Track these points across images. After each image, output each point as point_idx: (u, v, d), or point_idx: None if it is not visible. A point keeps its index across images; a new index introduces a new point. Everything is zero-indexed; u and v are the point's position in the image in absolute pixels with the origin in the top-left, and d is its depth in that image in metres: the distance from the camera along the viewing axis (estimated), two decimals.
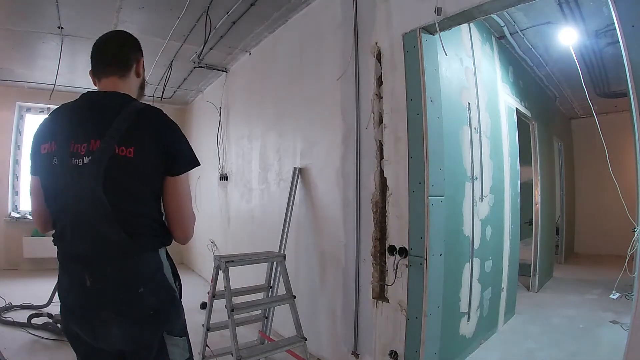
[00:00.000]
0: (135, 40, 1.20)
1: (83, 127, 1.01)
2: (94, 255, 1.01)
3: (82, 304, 1.02)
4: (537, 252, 3.97)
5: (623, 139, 4.13)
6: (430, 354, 1.84)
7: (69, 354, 2.49)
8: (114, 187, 0.98)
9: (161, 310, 1.06)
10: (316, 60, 2.74)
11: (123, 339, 1.04)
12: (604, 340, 2.76)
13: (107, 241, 0.99)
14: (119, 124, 0.98)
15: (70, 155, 0.98)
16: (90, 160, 0.97)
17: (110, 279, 1.01)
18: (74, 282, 1.02)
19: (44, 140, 1.03)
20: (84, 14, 3.03)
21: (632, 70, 1.30)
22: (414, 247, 1.87)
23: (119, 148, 0.97)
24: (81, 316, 1.03)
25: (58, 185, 1.01)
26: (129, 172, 0.99)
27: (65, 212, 1.02)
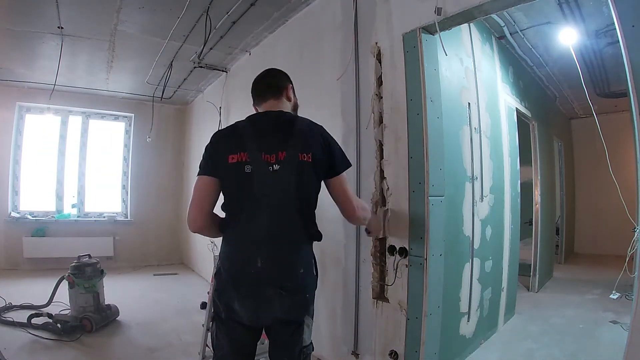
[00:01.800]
0: (281, 72, 1.56)
1: (269, 141, 1.28)
2: (271, 237, 1.24)
3: (254, 281, 1.23)
4: (537, 252, 3.97)
5: (623, 139, 4.12)
6: (430, 354, 1.84)
7: (69, 354, 2.51)
8: (300, 184, 1.25)
9: (311, 292, 1.31)
10: (316, 60, 2.74)
11: (282, 312, 1.25)
12: (604, 340, 2.76)
13: (286, 225, 1.25)
14: (296, 136, 1.28)
15: (264, 163, 1.25)
16: (280, 167, 1.25)
17: (279, 259, 1.24)
18: (248, 261, 1.24)
19: (231, 151, 1.27)
20: (84, 14, 3.03)
21: (632, 70, 1.30)
22: (414, 247, 1.87)
23: (302, 155, 1.26)
24: (248, 293, 1.23)
25: (252, 186, 1.24)
26: (309, 172, 1.27)
27: (252, 204, 1.25)
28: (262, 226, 1.24)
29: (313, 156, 1.27)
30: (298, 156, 1.25)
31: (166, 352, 2.64)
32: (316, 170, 1.28)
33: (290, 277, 1.24)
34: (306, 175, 1.26)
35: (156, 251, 5.88)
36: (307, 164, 1.26)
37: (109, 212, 5.71)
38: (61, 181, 5.39)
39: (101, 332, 2.91)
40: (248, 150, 1.26)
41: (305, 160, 1.26)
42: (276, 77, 1.51)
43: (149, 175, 5.93)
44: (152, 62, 3.98)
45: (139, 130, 5.80)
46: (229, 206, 1.32)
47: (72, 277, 2.94)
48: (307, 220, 1.31)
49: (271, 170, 1.24)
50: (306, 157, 1.26)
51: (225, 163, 1.27)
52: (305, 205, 1.29)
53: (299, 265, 1.26)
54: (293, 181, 1.24)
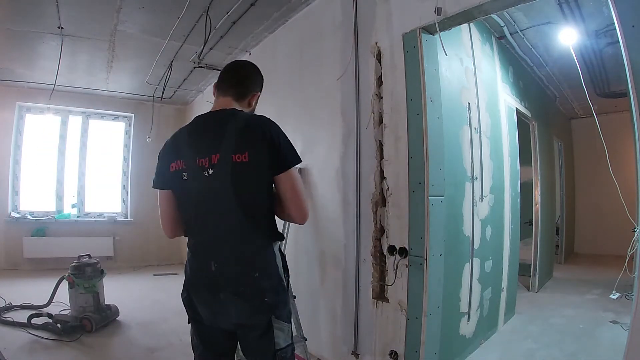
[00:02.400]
0: (259, 76, 1.42)
1: (203, 145, 1.22)
2: (221, 243, 1.22)
3: (207, 285, 1.22)
4: (537, 252, 3.97)
5: (623, 139, 4.12)
6: (430, 354, 1.84)
7: (69, 354, 2.51)
8: (237, 187, 1.17)
9: (271, 296, 1.22)
10: (316, 60, 2.74)
11: (238, 317, 1.22)
12: (604, 340, 2.76)
13: (232, 230, 1.20)
14: (230, 136, 1.19)
15: (198, 169, 1.20)
16: (214, 171, 1.19)
17: (231, 263, 1.20)
18: (202, 266, 1.24)
19: (170, 159, 1.26)
20: (84, 14, 3.03)
21: (632, 70, 1.30)
22: (414, 247, 1.87)
23: (236, 156, 1.17)
24: (203, 296, 1.24)
25: (191, 193, 1.23)
26: (247, 173, 1.18)
27: (197, 211, 1.24)
28: (209, 232, 1.23)
29: (250, 155, 1.16)
30: (231, 157, 1.16)
31: (166, 352, 2.64)
32: (257, 169, 1.18)
33: (244, 282, 1.20)
34: (244, 176, 1.17)
35: (156, 251, 5.88)
36: (243, 164, 1.16)
37: (109, 212, 5.71)
38: (61, 181, 5.39)
39: (101, 332, 2.91)
40: (184, 157, 1.23)
41: (240, 160, 1.16)
42: (251, 77, 1.39)
43: (149, 176, 5.74)
44: (152, 62, 3.98)
45: (139, 130, 5.80)
46: (182, 215, 1.30)
47: (72, 277, 2.94)
48: (258, 222, 1.22)
49: (206, 175, 1.19)
50: (241, 157, 1.16)
51: (168, 173, 1.25)
52: (252, 208, 1.20)
53: (252, 269, 1.21)
54: (230, 184, 1.17)
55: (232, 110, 1.28)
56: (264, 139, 1.19)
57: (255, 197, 1.21)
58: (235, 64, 1.42)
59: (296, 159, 1.25)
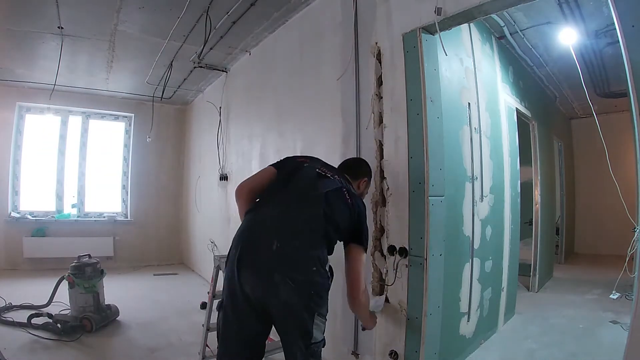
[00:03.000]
0: (369, 169, 1.89)
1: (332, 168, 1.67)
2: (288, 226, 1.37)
3: (265, 263, 1.31)
4: (537, 252, 3.97)
5: (623, 139, 4.12)
6: (430, 354, 1.84)
7: (69, 354, 2.51)
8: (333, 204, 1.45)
9: (318, 292, 1.35)
10: (316, 60, 2.74)
11: (286, 303, 1.30)
12: (604, 340, 2.76)
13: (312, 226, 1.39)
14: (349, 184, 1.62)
15: (321, 171, 1.55)
16: (331, 179, 1.53)
17: (294, 248, 1.33)
18: (262, 243, 1.34)
19: (302, 157, 1.68)
20: (84, 14, 3.03)
21: (632, 70, 1.30)
22: (414, 247, 1.87)
23: (343, 191, 1.51)
24: (257, 273, 1.32)
25: (298, 178, 1.51)
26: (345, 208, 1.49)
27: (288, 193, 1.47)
28: (292, 213, 1.41)
29: (352, 204, 1.50)
30: (343, 189, 1.51)
31: (166, 352, 2.64)
32: (352, 216, 1.50)
33: (303, 270, 1.32)
34: (339, 205, 1.47)
35: (156, 251, 5.88)
36: (346, 199, 1.49)
37: (109, 212, 5.71)
38: (61, 181, 5.39)
39: (101, 332, 2.91)
40: (310, 159, 1.64)
41: (346, 196, 1.50)
42: (361, 166, 1.84)
43: (149, 175, 5.93)
44: (152, 62, 3.98)
45: (139, 130, 5.80)
46: (267, 191, 1.51)
47: (72, 277, 2.94)
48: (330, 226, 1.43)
49: (320, 174, 1.51)
50: (348, 197, 1.50)
51: (293, 160, 1.64)
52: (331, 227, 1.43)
53: (312, 261, 1.34)
54: (332, 191, 1.47)
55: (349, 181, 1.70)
56: (360, 214, 1.54)
57: (338, 223, 1.44)
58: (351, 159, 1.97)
59: (366, 244, 1.57)
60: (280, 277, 1.28)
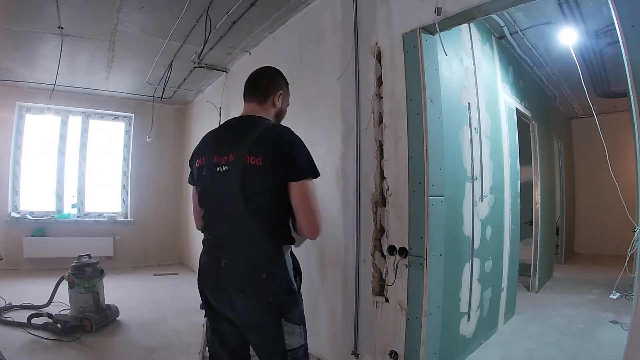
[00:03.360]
0: (279, 76, 1.52)
1: (224, 144, 1.32)
2: (230, 242, 1.28)
3: (217, 279, 1.28)
4: (537, 252, 3.97)
5: (623, 139, 4.13)
6: (430, 354, 1.84)
7: (69, 354, 2.51)
8: (245, 187, 1.23)
9: (277, 297, 1.24)
10: (316, 60, 2.74)
11: (243, 314, 1.25)
12: (604, 340, 2.76)
13: (241, 230, 1.25)
14: (249, 139, 1.26)
15: (214, 165, 1.29)
16: (228, 169, 1.26)
17: (240, 261, 1.25)
18: (213, 261, 1.31)
19: (197, 157, 1.39)
20: (84, 14, 3.03)
21: (632, 70, 1.30)
22: (414, 247, 1.87)
23: (250, 158, 1.22)
24: (213, 289, 1.31)
25: (207, 189, 1.34)
26: (256, 176, 1.23)
27: (211, 208, 1.34)
28: (221, 230, 1.32)
29: (263, 160, 1.21)
30: (244, 158, 1.22)
31: (166, 352, 2.64)
32: (268, 174, 1.22)
33: (250, 280, 1.22)
34: (254, 178, 1.22)
35: (156, 251, 5.88)
36: (254, 167, 1.21)
37: (109, 212, 5.71)
38: (61, 181, 5.39)
39: (101, 332, 2.91)
40: (206, 154, 1.34)
41: (252, 163, 1.21)
42: (270, 79, 1.48)
43: (149, 175, 5.93)
44: (152, 62, 3.98)
45: (139, 130, 5.80)
46: (202, 209, 1.40)
47: (72, 277, 2.94)
48: (267, 224, 1.25)
49: (219, 171, 1.27)
50: (255, 160, 1.21)
51: (195, 169, 1.39)
52: (259, 210, 1.23)
53: (259, 270, 1.23)
54: (237, 183, 1.22)
55: (258, 117, 1.38)
56: (281, 147, 1.24)
57: (262, 200, 1.24)
58: (254, 74, 1.50)
59: (312, 171, 1.30)
60: (232, 290, 1.23)
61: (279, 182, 1.23)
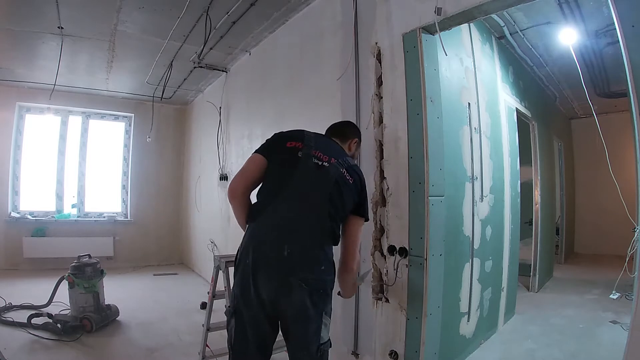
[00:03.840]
0: (357, 129, 1.78)
1: (326, 147, 1.47)
2: (298, 228, 1.32)
3: (279, 266, 1.29)
4: (537, 252, 3.97)
5: (623, 139, 4.12)
6: (430, 354, 1.84)
7: (69, 354, 2.51)
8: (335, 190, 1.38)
9: (326, 290, 1.36)
10: (316, 60, 2.74)
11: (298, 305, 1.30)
12: (604, 340, 2.76)
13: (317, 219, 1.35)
14: (346, 160, 1.47)
15: (313, 156, 1.40)
16: (329, 166, 1.40)
17: (305, 250, 1.31)
18: (275, 247, 1.30)
19: (290, 140, 1.45)
20: (84, 14, 3.03)
21: (632, 70, 1.30)
22: (414, 247, 1.87)
23: (343, 175, 1.41)
24: (271, 278, 1.29)
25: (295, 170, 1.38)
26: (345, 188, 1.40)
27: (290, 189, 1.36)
28: (293, 212, 1.34)
29: (354, 183, 1.43)
30: (342, 169, 1.40)
31: (166, 352, 2.64)
32: (354, 196, 1.43)
33: (312, 270, 1.32)
34: (342, 188, 1.39)
35: (156, 251, 5.88)
36: (348, 182, 1.41)
37: (109, 212, 5.72)
38: (61, 181, 5.39)
39: (101, 332, 2.91)
40: (304, 142, 1.43)
41: (347, 178, 1.40)
42: (349, 127, 1.74)
43: (149, 175, 5.93)
44: (152, 62, 3.98)
45: (139, 130, 5.80)
46: (266, 189, 1.41)
47: (72, 277, 2.94)
48: (333, 227, 1.39)
49: (318, 164, 1.38)
50: (349, 178, 1.41)
51: (283, 147, 1.44)
52: (334, 211, 1.38)
53: (321, 261, 1.34)
54: (331, 182, 1.36)
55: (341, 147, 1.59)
56: (363, 186, 1.49)
57: (339, 208, 1.39)
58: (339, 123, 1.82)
59: (368, 215, 1.52)
60: (294, 279, 1.29)
61: (352, 206, 1.44)
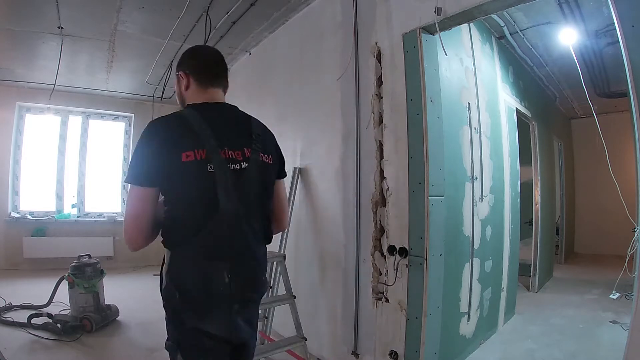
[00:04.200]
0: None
1: (232, 136, 1.12)
2: (240, 247, 1.07)
3: (221, 297, 1.05)
4: (537, 252, 3.97)
5: (623, 139, 4.12)
6: (430, 354, 1.84)
7: (69, 354, 2.51)
8: (264, 187, 1.15)
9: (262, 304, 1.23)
10: (316, 60, 2.74)
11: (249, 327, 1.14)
12: (604, 340, 2.76)
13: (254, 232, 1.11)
14: (254, 133, 1.18)
15: (226, 161, 1.06)
16: (248, 165, 1.10)
17: (249, 269, 1.10)
18: (216, 278, 1.04)
19: (181, 147, 1.02)
20: (84, 14, 3.03)
21: (632, 70, 1.30)
22: (414, 247, 1.87)
23: (264, 156, 1.15)
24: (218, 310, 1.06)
25: (215, 187, 1.03)
26: (269, 175, 1.19)
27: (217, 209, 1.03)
28: (226, 237, 1.05)
29: (272, 158, 1.19)
30: (260, 156, 1.13)
31: (166, 352, 2.63)
32: (274, 174, 1.22)
33: (256, 288, 1.14)
34: (267, 178, 1.17)
35: (156, 251, 5.78)
36: (268, 166, 1.16)
37: (109, 212, 5.71)
38: (61, 181, 5.39)
39: (101, 332, 2.91)
40: (206, 147, 1.03)
41: (267, 161, 1.16)
42: (224, 62, 1.35)
43: None
44: (152, 62, 3.97)
45: (139, 130, 5.78)
46: (181, 216, 1.06)
47: (72, 277, 2.94)
48: (267, 224, 1.19)
49: (235, 169, 1.07)
50: (267, 158, 1.16)
51: (177, 163, 1.01)
52: (267, 209, 1.19)
53: (262, 274, 1.18)
54: (259, 182, 1.12)
55: (235, 107, 1.27)
56: (276, 145, 1.25)
57: (270, 200, 1.21)
58: (211, 52, 1.34)
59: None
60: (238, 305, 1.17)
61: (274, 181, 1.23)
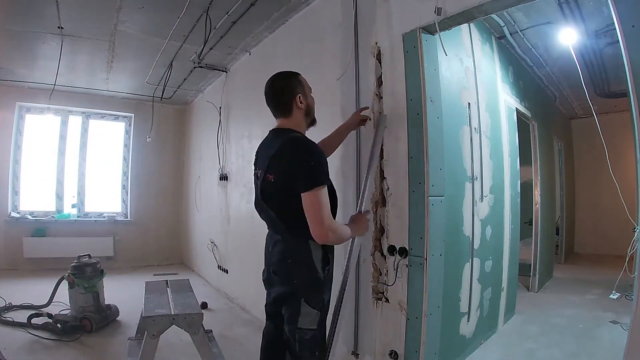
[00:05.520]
0: (289, 83, 1.62)
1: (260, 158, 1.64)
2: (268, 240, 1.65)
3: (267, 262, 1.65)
4: (537, 252, 3.97)
5: (623, 139, 4.12)
6: (430, 354, 1.84)
7: (69, 354, 2.51)
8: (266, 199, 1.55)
9: (300, 281, 1.49)
10: (316, 60, 2.74)
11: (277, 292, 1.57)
12: (604, 340, 2.76)
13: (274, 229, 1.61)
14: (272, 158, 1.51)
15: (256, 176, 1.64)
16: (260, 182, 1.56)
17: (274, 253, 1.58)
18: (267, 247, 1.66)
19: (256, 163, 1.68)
20: (84, 14, 3.03)
21: (632, 70, 1.29)
22: (414, 247, 1.87)
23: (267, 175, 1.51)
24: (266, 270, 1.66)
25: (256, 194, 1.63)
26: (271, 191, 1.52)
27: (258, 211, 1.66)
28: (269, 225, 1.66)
29: (275, 178, 1.48)
30: (266, 175, 1.52)
31: (166, 352, 2.64)
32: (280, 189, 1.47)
33: (279, 266, 1.54)
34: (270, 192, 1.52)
35: (156, 251, 5.88)
36: (269, 183, 1.50)
37: (109, 212, 5.71)
38: (61, 181, 5.39)
39: (101, 332, 2.91)
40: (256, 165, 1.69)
41: (268, 179, 1.50)
42: (283, 91, 1.58)
43: (149, 175, 5.93)
44: (152, 62, 3.97)
45: (139, 130, 5.80)
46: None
47: (72, 277, 2.94)
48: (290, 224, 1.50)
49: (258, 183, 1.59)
50: (269, 177, 1.50)
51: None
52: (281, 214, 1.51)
53: (286, 257, 1.52)
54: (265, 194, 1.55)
55: (280, 131, 1.57)
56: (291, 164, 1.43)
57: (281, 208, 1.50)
58: (267, 95, 1.63)
59: (311, 183, 1.39)
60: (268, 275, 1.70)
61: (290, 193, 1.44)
